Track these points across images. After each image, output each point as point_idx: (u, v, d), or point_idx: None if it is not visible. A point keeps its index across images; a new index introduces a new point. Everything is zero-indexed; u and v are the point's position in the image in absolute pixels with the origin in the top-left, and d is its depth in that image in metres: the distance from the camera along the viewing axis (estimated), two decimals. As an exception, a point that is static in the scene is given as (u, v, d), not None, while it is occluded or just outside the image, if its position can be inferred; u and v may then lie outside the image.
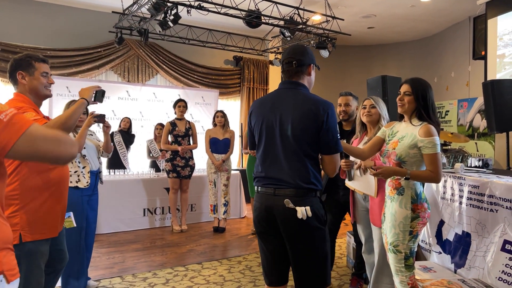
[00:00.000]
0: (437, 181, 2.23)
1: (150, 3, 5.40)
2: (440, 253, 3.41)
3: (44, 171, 2.08)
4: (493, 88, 4.73)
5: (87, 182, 3.20)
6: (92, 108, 3.34)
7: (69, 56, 7.02)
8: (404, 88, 2.33)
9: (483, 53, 6.68)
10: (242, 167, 8.30)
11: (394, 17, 7.76)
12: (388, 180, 2.35)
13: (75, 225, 2.44)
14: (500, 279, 2.71)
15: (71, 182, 3.07)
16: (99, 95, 2.36)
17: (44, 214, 2.09)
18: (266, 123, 2.01)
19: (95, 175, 3.35)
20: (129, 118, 6.47)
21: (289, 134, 1.95)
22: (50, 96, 2.25)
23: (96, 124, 2.99)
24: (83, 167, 3.22)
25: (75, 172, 3.17)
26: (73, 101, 3.12)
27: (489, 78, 6.14)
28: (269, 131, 2.00)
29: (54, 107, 6.30)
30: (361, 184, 2.79)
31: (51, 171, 2.11)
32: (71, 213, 2.41)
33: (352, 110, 3.37)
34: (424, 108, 2.25)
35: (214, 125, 5.60)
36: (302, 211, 1.89)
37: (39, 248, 2.07)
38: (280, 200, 1.93)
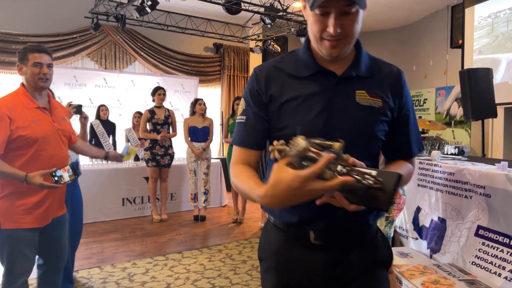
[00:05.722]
0: None
1: (126, -12, 5.26)
2: (417, 239, 3.48)
3: (25, 167, 2.07)
4: (469, 77, 4.80)
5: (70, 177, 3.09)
6: (68, 98, 3.24)
7: (43, 42, 6.78)
8: None
9: (460, 41, 6.77)
10: (222, 155, 8.27)
11: (374, 4, 7.77)
12: None
13: (74, 176, 2.24)
14: (474, 263, 2.78)
15: None
16: (78, 110, 2.70)
17: (24, 205, 2.11)
18: None
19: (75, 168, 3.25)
20: (106, 106, 6.33)
21: None
22: (45, 87, 2.19)
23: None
24: None
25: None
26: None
27: (466, 67, 6.24)
28: None
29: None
30: None
31: (32, 167, 2.08)
32: (68, 166, 2.20)
33: None
34: None
35: (193, 113, 5.54)
36: None
37: (19, 235, 2.11)
38: None
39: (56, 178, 2.06)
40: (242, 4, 6.11)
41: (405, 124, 1.28)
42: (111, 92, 7.19)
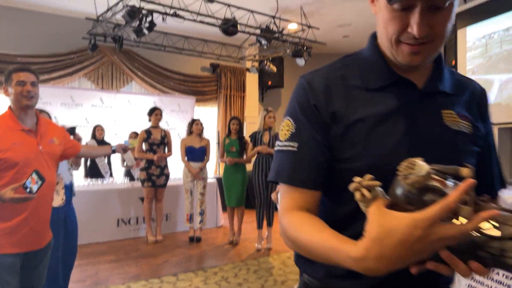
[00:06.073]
0: None
1: (124, 10, 5.33)
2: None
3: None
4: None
5: (63, 199, 3.06)
6: (64, 118, 3.25)
7: (41, 62, 6.84)
8: None
9: (453, 62, 6.87)
10: (218, 175, 8.25)
11: (368, 26, 7.90)
12: None
13: (41, 181, 2.05)
14: (470, 286, 2.76)
15: None
16: (71, 132, 2.70)
17: (4, 230, 2.06)
18: None
19: (69, 189, 3.24)
20: (102, 126, 6.33)
21: None
22: (30, 106, 2.14)
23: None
24: (56, 183, 3.08)
25: None
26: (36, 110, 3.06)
27: (459, 87, 6.32)
28: None
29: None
30: None
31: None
32: (33, 175, 2.03)
33: None
34: None
35: (190, 133, 5.56)
36: None
37: (0, 261, 2.04)
38: None
39: (28, 190, 2.00)
40: (238, 26, 6.19)
41: (489, 155, 0.98)
42: (108, 112, 7.21)
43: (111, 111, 7.24)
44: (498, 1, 5.54)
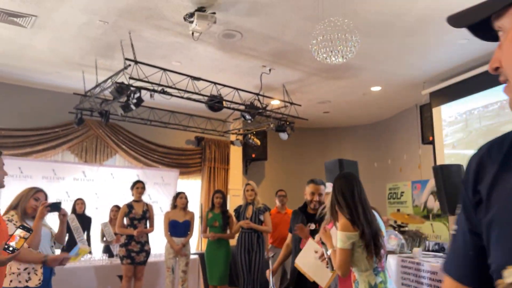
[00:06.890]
0: (339, 273, 2.34)
1: (113, 87, 5.48)
2: None
3: None
4: (442, 173, 4.99)
5: (40, 280, 2.84)
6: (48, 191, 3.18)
7: (23, 136, 6.83)
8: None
9: (430, 138, 7.14)
10: (201, 250, 7.99)
11: (347, 103, 8.26)
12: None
13: (29, 232, 2.18)
14: None
15: (19, 282, 2.72)
16: (55, 207, 2.72)
17: None
18: None
19: (49, 268, 3.05)
20: (82, 200, 6.21)
21: None
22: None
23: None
24: None
25: (25, 269, 2.79)
26: (34, 188, 3.11)
27: (438, 162, 6.51)
28: None
29: (5, 189, 5.96)
30: (315, 270, 2.73)
31: None
32: (17, 231, 2.13)
33: (323, 199, 3.32)
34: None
35: (174, 206, 5.48)
36: None
37: None
38: None
39: (11, 249, 2.04)
40: (224, 102, 6.40)
41: None
42: (90, 185, 7.10)
43: (93, 185, 7.14)
44: (477, 79, 5.76)
